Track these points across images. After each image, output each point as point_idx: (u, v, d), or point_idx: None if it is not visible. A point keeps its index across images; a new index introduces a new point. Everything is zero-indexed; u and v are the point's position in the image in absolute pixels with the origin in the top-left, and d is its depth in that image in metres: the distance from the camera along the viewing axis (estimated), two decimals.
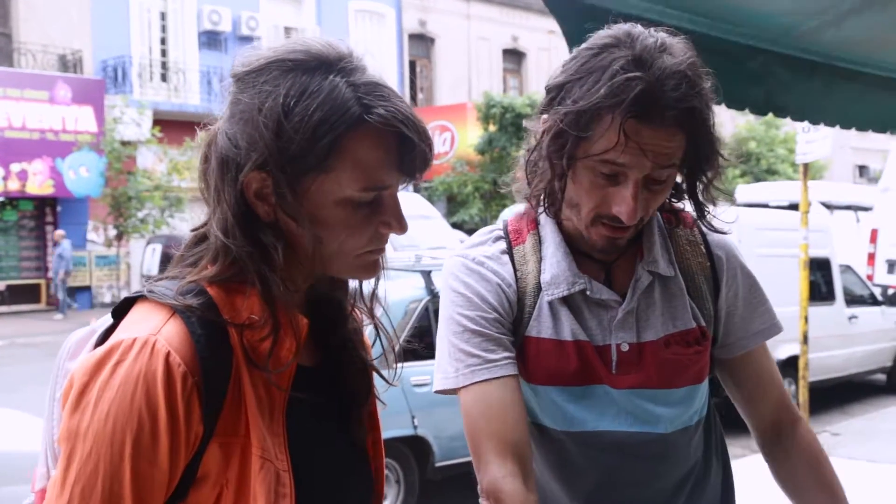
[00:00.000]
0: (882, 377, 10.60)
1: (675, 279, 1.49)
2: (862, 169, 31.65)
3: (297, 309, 1.09)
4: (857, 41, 3.06)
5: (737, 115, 25.57)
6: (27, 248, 18.85)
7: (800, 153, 7.20)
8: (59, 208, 19.10)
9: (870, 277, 11.94)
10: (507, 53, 27.08)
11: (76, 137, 17.93)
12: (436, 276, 5.60)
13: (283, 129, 1.02)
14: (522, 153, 1.49)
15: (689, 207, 1.52)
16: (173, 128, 18.19)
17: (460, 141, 21.58)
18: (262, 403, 1.05)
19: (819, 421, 8.33)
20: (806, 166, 7.17)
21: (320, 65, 1.05)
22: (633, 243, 1.48)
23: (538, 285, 1.47)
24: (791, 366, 8.11)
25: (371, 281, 1.19)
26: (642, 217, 1.38)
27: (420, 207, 13.18)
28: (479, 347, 1.42)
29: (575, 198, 1.39)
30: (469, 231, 11.19)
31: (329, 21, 22.63)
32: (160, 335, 1.00)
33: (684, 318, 1.47)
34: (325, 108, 1.02)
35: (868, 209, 14.01)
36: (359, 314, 1.23)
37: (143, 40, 20.36)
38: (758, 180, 21.62)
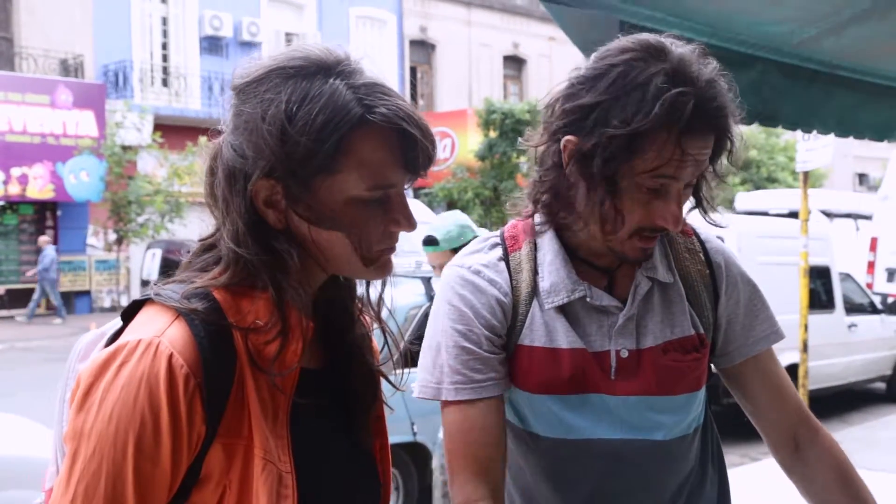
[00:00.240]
0: (882, 385, 10.59)
1: (674, 286, 1.49)
2: (862, 177, 31.69)
3: (305, 312, 1.09)
4: (857, 50, 3.07)
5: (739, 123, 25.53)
6: (27, 252, 18.84)
7: (800, 161, 7.22)
8: (59, 212, 19.11)
9: (869, 286, 11.95)
10: (508, 60, 27.13)
11: (77, 142, 17.95)
12: (436, 282, 5.60)
13: (288, 135, 1.03)
14: (534, 174, 1.46)
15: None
16: (174, 133, 18.21)
17: (461, 147, 21.60)
18: (266, 406, 1.06)
19: None
20: (806, 174, 7.18)
21: (319, 69, 1.07)
22: None
23: (531, 293, 1.46)
24: (791, 374, 8.10)
25: (378, 286, 1.20)
26: None
27: (421, 213, 13.19)
28: (465, 366, 1.42)
29: (616, 221, 1.37)
30: None
31: (330, 27, 22.67)
32: (164, 337, 1.02)
33: (683, 325, 1.47)
34: (327, 111, 1.04)
35: (868, 217, 14.02)
36: (367, 319, 1.23)
37: (144, 45, 20.40)
38: (758, 188, 21.63)
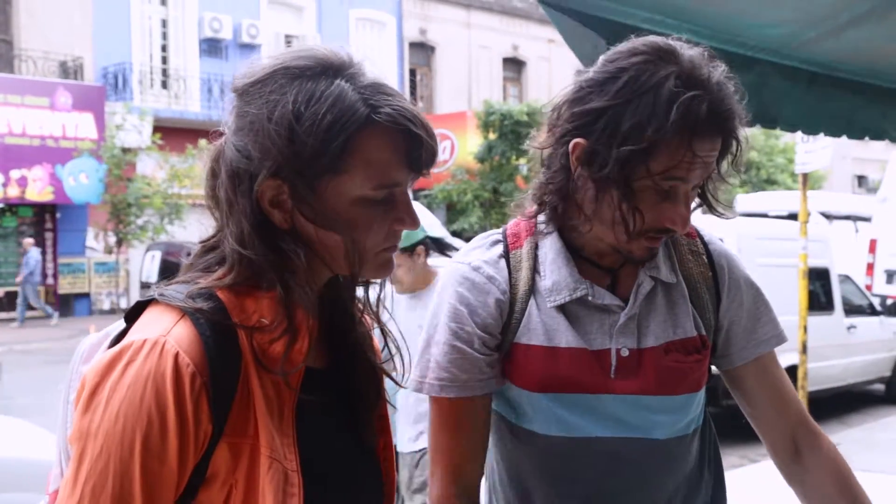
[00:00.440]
0: (881, 387, 10.59)
1: (677, 286, 1.49)
2: (861, 179, 31.70)
3: (311, 311, 1.10)
4: (856, 52, 3.08)
5: None
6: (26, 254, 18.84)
7: (799, 163, 7.23)
8: (58, 215, 19.11)
9: (868, 287, 11.95)
10: (507, 62, 27.14)
11: (76, 144, 17.95)
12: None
13: (296, 135, 1.04)
14: (539, 177, 1.47)
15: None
16: (174, 135, 18.21)
17: (460, 149, 21.60)
18: (272, 404, 1.06)
19: None
20: (805, 176, 7.19)
21: (324, 70, 1.08)
22: None
23: (528, 291, 1.47)
24: (790, 375, 8.09)
25: (377, 286, 1.21)
26: None
27: (421, 216, 13.17)
28: (453, 364, 1.44)
29: (611, 214, 1.37)
30: (468, 239, 11.16)
31: (330, 29, 22.68)
32: (170, 336, 1.02)
33: (685, 326, 1.47)
34: (334, 111, 1.05)
35: (867, 219, 14.02)
36: (368, 318, 1.24)
37: (143, 47, 20.40)
38: (757, 190, 21.63)
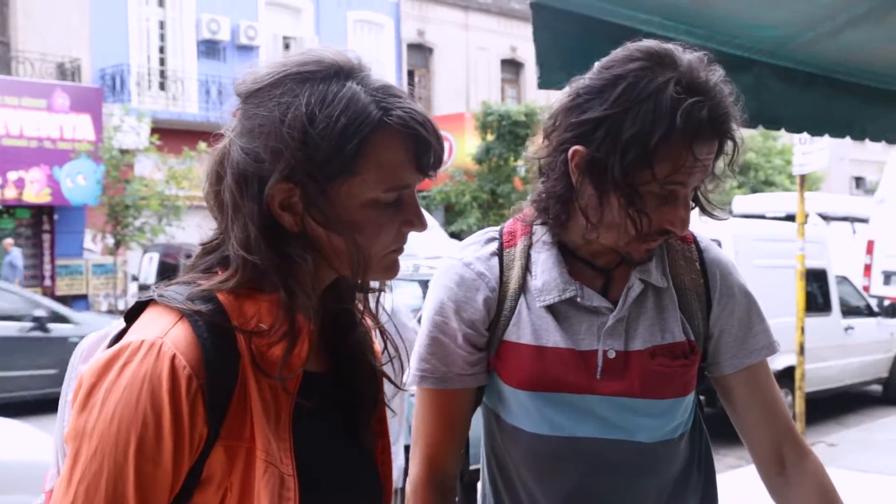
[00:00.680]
0: (878, 388, 10.61)
1: (667, 291, 1.49)
2: (858, 180, 31.73)
3: (312, 316, 1.10)
4: (854, 54, 3.08)
5: None
6: (24, 256, 18.81)
7: (797, 164, 7.24)
8: (56, 217, 19.08)
9: (866, 288, 11.98)
10: (506, 63, 27.15)
11: (74, 146, 17.92)
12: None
13: (310, 137, 1.04)
14: (538, 185, 1.48)
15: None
16: (171, 136, 18.19)
17: (458, 150, 21.60)
18: (268, 408, 1.06)
19: (815, 432, 8.34)
20: (803, 177, 7.20)
21: (335, 73, 1.08)
22: None
23: (519, 290, 1.48)
24: (788, 377, 8.12)
25: (376, 287, 1.21)
26: None
27: None
28: (434, 356, 1.49)
29: (616, 218, 1.37)
30: None
31: (328, 31, 22.67)
32: (167, 338, 1.02)
33: (673, 331, 1.47)
34: (348, 113, 1.05)
35: (864, 220, 14.06)
36: (368, 321, 1.24)
37: (141, 49, 20.38)
38: (755, 191, 21.66)
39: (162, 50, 20.87)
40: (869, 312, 10.16)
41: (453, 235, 16.65)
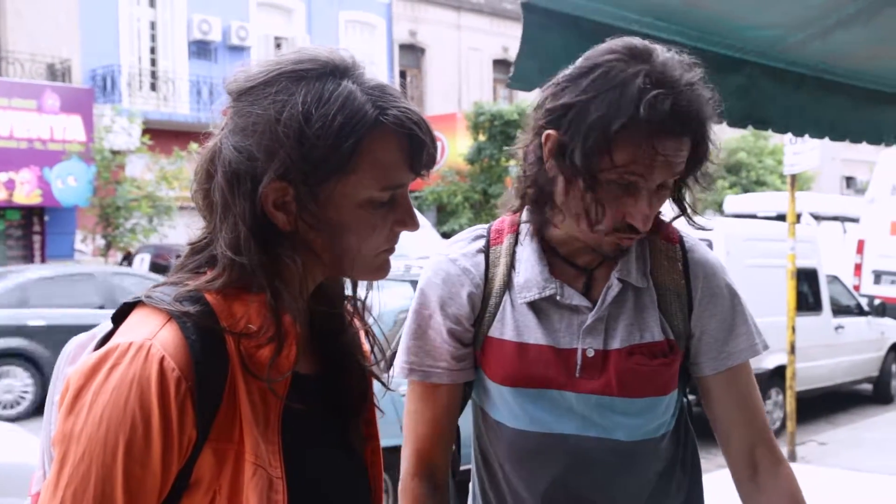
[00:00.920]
0: (868, 387, 10.65)
1: (647, 291, 1.50)
2: (849, 180, 31.83)
3: (300, 318, 1.09)
4: (843, 54, 3.10)
5: (726, 126, 25.61)
6: (14, 258, 18.73)
7: (788, 164, 7.24)
8: (46, 218, 19.00)
9: (856, 288, 12.02)
10: (498, 64, 27.14)
11: (64, 146, 17.85)
12: None
13: (306, 136, 1.03)
14: (517, 170, 1.50)
15: (670, 215, 1.54)
16: (163, 137, 18.14)
17: (450, 151, 21.58)
18: (257, 410, 1.05)
19: (806, 430, 8.36)
20: (793, 177, 7.21)
21: (330, 72, 1.07)
22: None
23: (504, 286, 1.51)
24: (778, 376, 8.15)
25: (363, 288, 1.21)
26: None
27: None
28: (420, 350, 1.52)
29: (580, 206, 1.40)
30: None
31: (319, 31, 22.64)
32: (155, 340, 1.01)
33: (652, 330, 1.48)
34: (344, 112, 1.04)
35: (855, 220, 14.11)
36: (356, 321, 1.24)
37: (132, 49, 20.31)
38: (746, 191, 21.70)
39: (153, 50, 20.80)
40: (859, 312, 10.20)
41: (445, 236, 16.64)
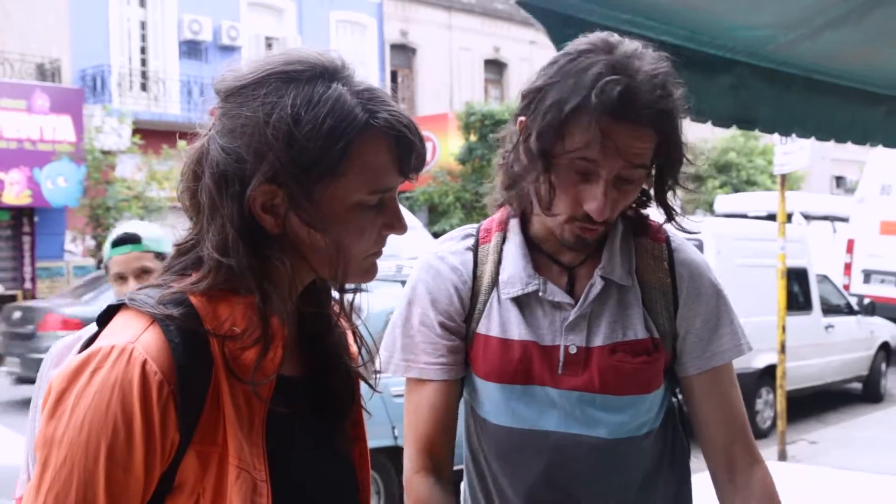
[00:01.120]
0: (858, 386, 10.69)
1: (632, 289, 1.51)
2: (839, 180, 31.96)
3: (287, 320, 1.09)
4: (833, 55, 3.11)
5: (716, 126, 25.67)
6: (3, 258, 18.65)
7: (777, 164, 7.26)
8: (36, 218, 18.92)
9: (846, 287, 12.07)
10: (489, 64, 27.15)
11: (54, 147, 17.78)
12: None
13: (295, 139, 1.02)
14: (498, 157, 1.54)
15: (656, 215, 1.56)
16: (153, 137, 18.07)
17: (442, 151, 21.59)
18: (241, 413, 1.05)
19: (796, 429, 8.39)
20: (783, 177, 7.23)
21: (320, 74, 1.06)
22: (598, 248, 1.52)
23: (492, 283, 1.53)
24: (769, 375, 8.17)
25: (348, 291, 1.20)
26: (610, 217, 1.43)
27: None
28: (416, 347, 1.53)
29: (547, 196, 1.43)
30: None
31: (310, 31, 22.60)
32: (138, 343, 1.00)
33: (636, 328, 1.49)
34: (334, 115, 1.04)
35: (845, 220, 14.16)
36: (343, 323, 1.23)
37: (122, 49, 20.24)
38: (737, 191, 21.76)
39: (143, 50, 20.73)
40: (849, 311, 10.24)
41: (436, 236, 16.63)
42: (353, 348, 1.24)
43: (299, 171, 1.03)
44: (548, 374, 1.48)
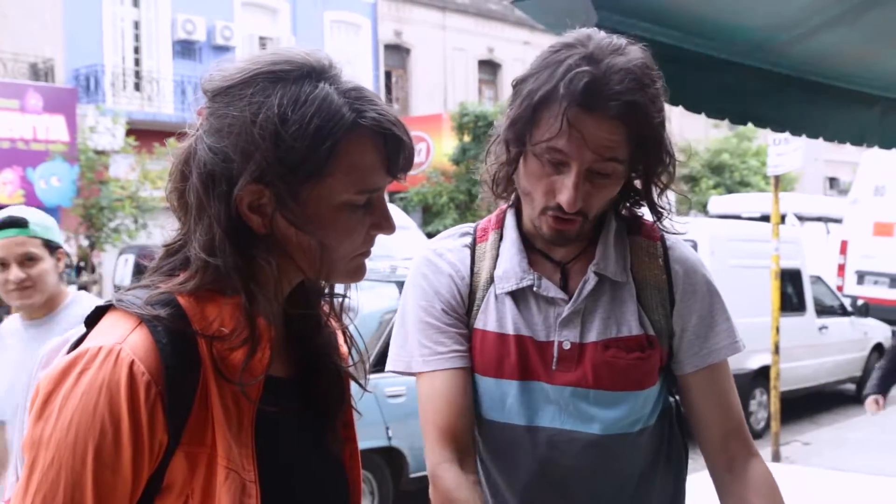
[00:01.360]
0: (851, 387, 10.70)
1: (626, 286, 1.52)
2: (832, 181, 32.05)
3: (274, 321, 1.08)
4: (828, 56, 3.11)
5: (710, 128, 25.80)
6: None
7: (771, 165, 7.27)
8: None
9: (840, 288, 12.11)
10: (483, 64, 27.17)
11: (48, 147, 17.74)
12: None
13: (282, 139, 1.02)
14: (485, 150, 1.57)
15: (649, 214, 1.56)
16: (147, 137, 18.01)
17: (436, 151, 21.60)
18: (230, 414, 1.04)
19: (790, 430, 8.40)
20: (777, 178, 7.24)
21: (307, 74, 1.06)
22: (591, 245, 1.53)
23: (490, 279, 1.53)
24: (763, 376, 8.19)
25: (341, 290, 1.20)
26: (585, 211, 1.43)
27: (397, 218, 13.13)
28: (430, 339, 1.51)
29: (527, 186, 1.46)
30: None
31: (304, 31, 22.59)
32: (125, 344, 1.00)
33: (630, 324, 1.49)
34: (321, 115, 1.03)
35: (838, 221, 14.20)
36: (333, 323, 1.23)
37: (116, 49, 20.20)
38: (730, 192, 21.82)
39: (137, 50, 20.69)
40: (843, 312, 10.26)
41: (430, 236, 16.59)
42: (344, 349, 1.24)
43: (286, 170, 1.03)
44: (542, 369, 1.48)
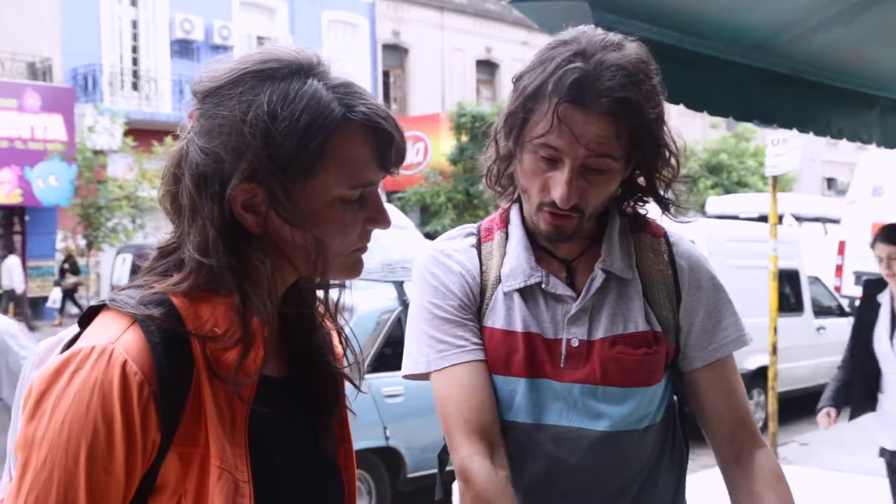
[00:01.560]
0: None
1: (633, 282, 1.52)
2: (830, 181, 32.10)
3: (268, 321, 1.08)
4: (825, 55, 3.11)
5: (708, 128, 25.82)
6: None
7: (769, 166, 7.27)
8: (27, 218, 18.87)
9: (837, 289, 12.09)
10: (481, 64, 27.18)
11: (45, 146, 17.73)
12: (408, 287, 5.58)
13: (272, 136, 1.02)
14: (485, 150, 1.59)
15: (652, 212, 1.57)
16: (145, 136, 18.04)
17: (433, 151, 21.61)
18: (223, 414, 1.04)
19: (788, 431, 8.40)
20: (775, 179, 7.24)
21: (295, 71, 1.06)
22: (595, 243, 1.54)
23: (498, 277, 1.54)
24: (760, 376, 8.18)
25: (335, 291, 1.19)
26: (582, 207, 1.43)
27: (394, 218, 13.13)
28: (447, 334, 1.50)
29: (524, 183, 1.47)
30: None
31: (302, 31, 22.59)
32: (118, 344, 0.99)
33: (636, 321, 1.50)
34: (311, 111, 1.03)
35: (836, 221, 14.20)
36: (328, 323, 1.22)
37: (114, 48, 20.20)
38: (728, 192, 21.83)
39: (135, 49, 20.69)
40: (840, 312, 10.25)
41: (428, 236, 16.61)
42: (339, 349, 1.23)
43: (278, 167, 1.03)
44: (550, 366, 1.48)
